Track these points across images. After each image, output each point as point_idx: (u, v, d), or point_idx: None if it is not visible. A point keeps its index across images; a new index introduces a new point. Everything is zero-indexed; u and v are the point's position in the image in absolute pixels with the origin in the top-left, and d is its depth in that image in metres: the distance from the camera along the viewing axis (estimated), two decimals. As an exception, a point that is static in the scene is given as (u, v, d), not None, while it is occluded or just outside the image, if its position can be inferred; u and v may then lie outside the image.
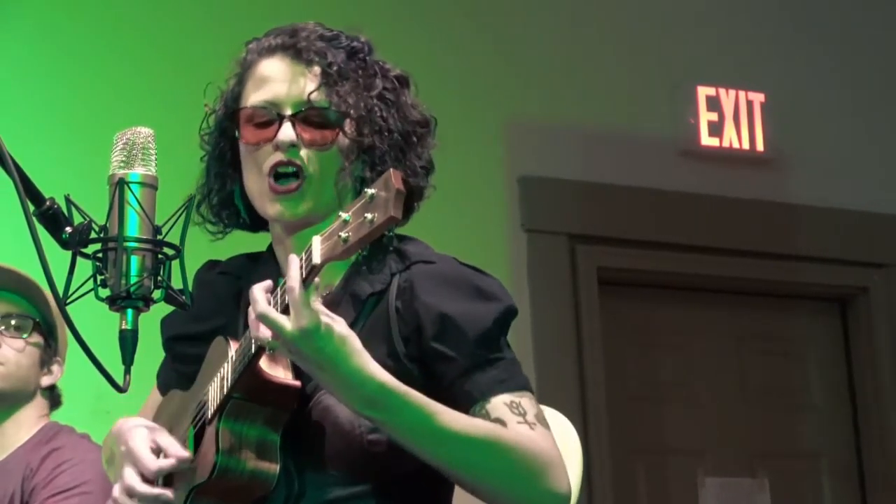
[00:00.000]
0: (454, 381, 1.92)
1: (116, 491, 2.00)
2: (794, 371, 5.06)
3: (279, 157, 2.00)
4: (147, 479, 1.97)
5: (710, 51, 4.98)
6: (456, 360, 1.92)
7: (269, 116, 2.02)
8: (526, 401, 1.93)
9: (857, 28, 5.25)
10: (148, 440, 1.99)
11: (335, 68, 2.02)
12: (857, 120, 5.15)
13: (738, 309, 4.99)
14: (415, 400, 1.84)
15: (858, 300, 5.08)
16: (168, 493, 1.95)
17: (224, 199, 2.12)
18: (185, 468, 1.95)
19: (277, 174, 2.01)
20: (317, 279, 1.77)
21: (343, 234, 1.69)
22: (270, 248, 2.14)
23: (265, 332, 1.81)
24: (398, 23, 4.28)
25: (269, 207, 2.03)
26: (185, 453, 1.96)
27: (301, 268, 1.77)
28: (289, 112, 2.01)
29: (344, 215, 1.71)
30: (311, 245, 1.75)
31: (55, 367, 3.12)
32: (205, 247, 2.14)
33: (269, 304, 1.81)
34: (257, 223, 2.14)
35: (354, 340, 1.81)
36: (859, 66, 5.19)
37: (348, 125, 2.01)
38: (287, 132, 2.00)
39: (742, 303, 5.00)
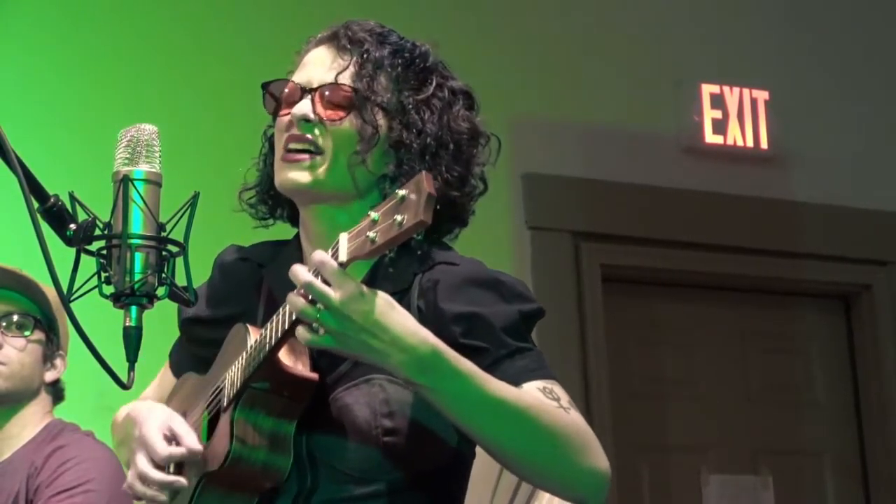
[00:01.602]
0: (485, 371, 1.87)
1: (130, 477, 1.99)
2: (798, 368, 5.06)
3: (293, 130, 2.00)
4: (159, 466, 1.97)
5: (713, 48, 4.98)
6: (486, 350, 1.89)
7: (295, 94, 2.02)
8: (558, 388, 1.92)
9: (860, 27, 5.25)
10: (162, 426, 1.97)
11: (370, 57, 2.01)
12: (860, 118, 5.15)
13: (741, 306, 5.00)
14: (465, 366, 1.80)
15: (862, 298, 5.08)
16: (181, 480, 1.94)
17: (269, 189, 2.10)
18: (195, 459, 1.95)
19: (291, 150, 2.00)
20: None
21: (371, 234, 1.67)
22: (297, 237, 2.13)
23: (307, 334, 1.76)
24: (400, 21, 4.27)
25: (279, 177, 2.01)
26: (198, 446, 1.94)
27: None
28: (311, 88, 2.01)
29: (373, 214, 1.68)
30: (337, 242, 1.73)
31: (58, 362, 3.11)
32: (209, 244, 2.14)
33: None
34: (297, 218, 2.13)
35: (398, 304, 1.78)
36: (863, 64, 5.19)
37: (372, 111, 1.99)
38: (303, 106, 1.99)
39: (746, 300, 5.00)
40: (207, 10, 4.25)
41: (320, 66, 2.03)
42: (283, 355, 1.90)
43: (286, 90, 2.03)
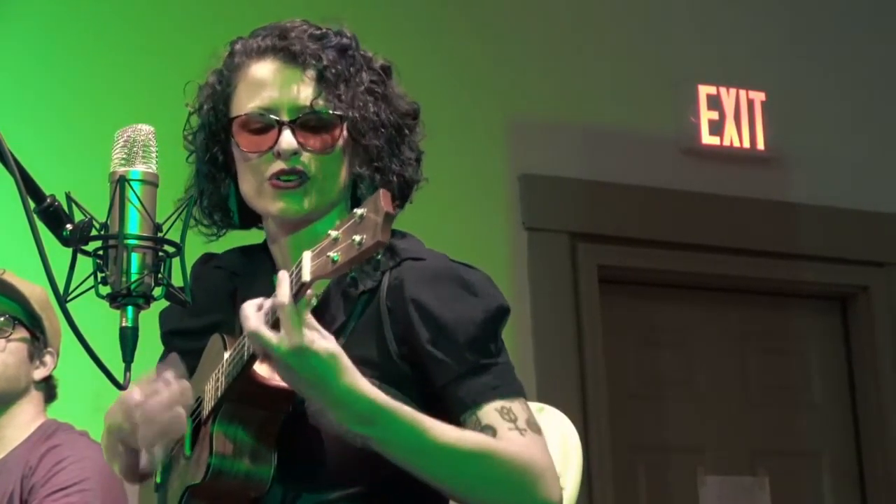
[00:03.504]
0: (446, 386, 1.91)
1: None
2: (795, 369, 5.06)
3: (280, 165, 1.98)
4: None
5: (710, 49, 4.98)
6: (448, 364, 1.91)
7: (266, 123, 2.00)
8: (517, 406, 1.92)
9: (857, 27, 5.25)
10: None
11: (331, 70, 2.00)
12: (857, 119, 5.15)
13: (738, 307, 5.00)
14: (405, 416, 1.83)
15: (859, 299, 5.08)
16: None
17: (217, 203, 2.10)
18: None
19: (281, 178, 1.99)
20: (309, 291, 1.76)
21: (332, 254, 1.69)
22: (265, 243, 2.13)
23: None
24: (398, 21, 4.28)
25: (271, 205, 2.00)
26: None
27: (291, 284, 1.77)
28: (286, 118, 1.99)
29: (333, 233, 1.70)
30: (301, 261, 1.74)
31: (47, 359, 3.09)
32: (205, 244, 2.14)
33: (262, 320, 1.80)
34: (247, 221, 2.13)
35: (343, 358, 1.80)
36: (860, 65, 5.19)
37: (350, 127, 2.00)
38: (288, 140, 1.98)
39: (743, 301, 5.00)
40: (205, 9, 4.25)
41: (280, 86, 2.00)
42: (259, 367, 1.89)
43: (253, 118, 2.01)
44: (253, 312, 1.79)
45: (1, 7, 4.04)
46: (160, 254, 1.81)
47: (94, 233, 1.81)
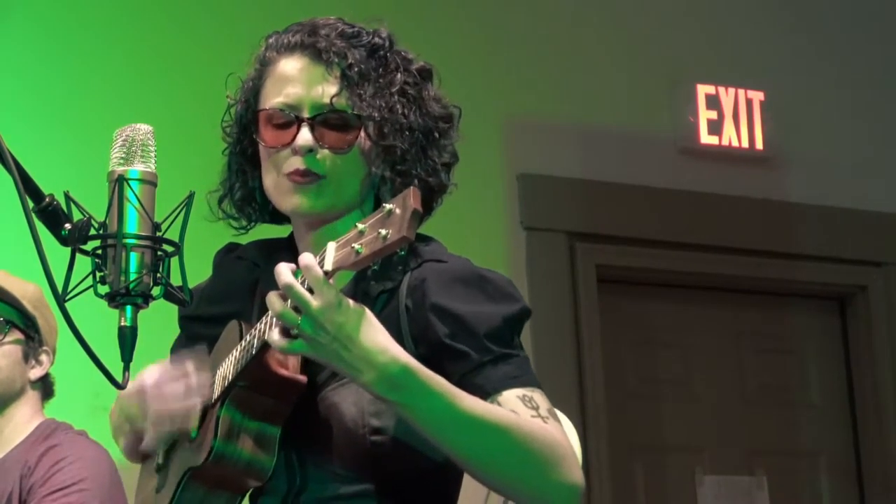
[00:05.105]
0: (465, 376, 1.89)
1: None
2: (793, 369, 5.06)
3: (298, 163, 1.98)
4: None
5: (709, 49, 4.98)
6: (468, 355, 1.90)
7: (287, 119, 2.00)
8: (538, 395, 1.91)
9: (856, 27, 5.25)
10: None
11: (356, 69, 2.00)
12: (856, 119, 5.15)
13: (736, 307, 5.00)
14: (437, 383, 1.81)
15: (857, 299, 5.08)
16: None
17: (247, 195, 2.10)
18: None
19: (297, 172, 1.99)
20: (331, 281, 1.76)
21: (356, 246, 1.70)
22: (291, 237, 2.13)
23: (280, 339, 1.80)
24: (395, 19, 4.27)
25: (286, 201, 2.01)
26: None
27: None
28: (307, 115, 1.99)
29: (360, 226, 1.71)
30: (325, 250, 1.74)
31: (43, 358, 3.09)
32: (204, 243, 2.14)
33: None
34: (278, 216, 2.13)
35: (375, 320, 1.79)
36: (859, 65, 5.20)
37: (370, 127, 1.99)
38: (305, 136, 1.98)
39: (741, 301, 5.00)
40: (204, 8, 4.25)
41: (303, 83, 2.01)
42: (272, 356, 1.90)
43: (275, 113, 2.01)
44: (288, 270, 1.77)
45: (1, 3, 4.04)
46: (159, 253, 1.81)
47: (92, 232, 1.81)
